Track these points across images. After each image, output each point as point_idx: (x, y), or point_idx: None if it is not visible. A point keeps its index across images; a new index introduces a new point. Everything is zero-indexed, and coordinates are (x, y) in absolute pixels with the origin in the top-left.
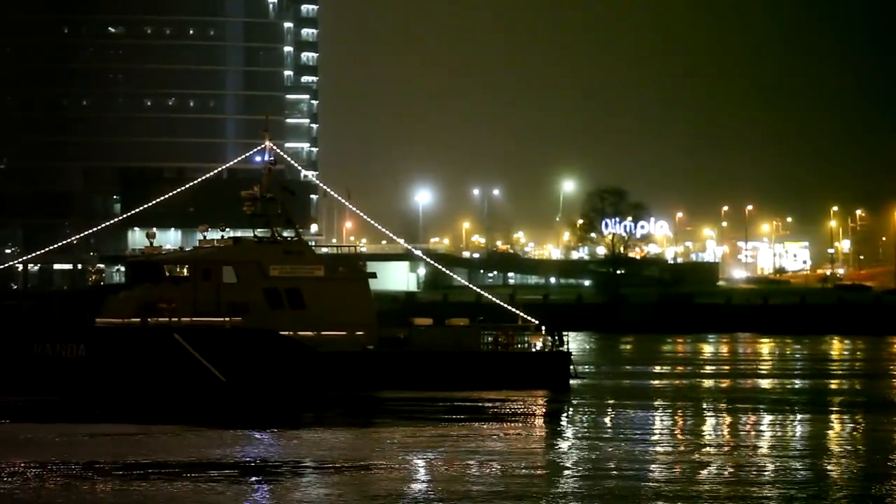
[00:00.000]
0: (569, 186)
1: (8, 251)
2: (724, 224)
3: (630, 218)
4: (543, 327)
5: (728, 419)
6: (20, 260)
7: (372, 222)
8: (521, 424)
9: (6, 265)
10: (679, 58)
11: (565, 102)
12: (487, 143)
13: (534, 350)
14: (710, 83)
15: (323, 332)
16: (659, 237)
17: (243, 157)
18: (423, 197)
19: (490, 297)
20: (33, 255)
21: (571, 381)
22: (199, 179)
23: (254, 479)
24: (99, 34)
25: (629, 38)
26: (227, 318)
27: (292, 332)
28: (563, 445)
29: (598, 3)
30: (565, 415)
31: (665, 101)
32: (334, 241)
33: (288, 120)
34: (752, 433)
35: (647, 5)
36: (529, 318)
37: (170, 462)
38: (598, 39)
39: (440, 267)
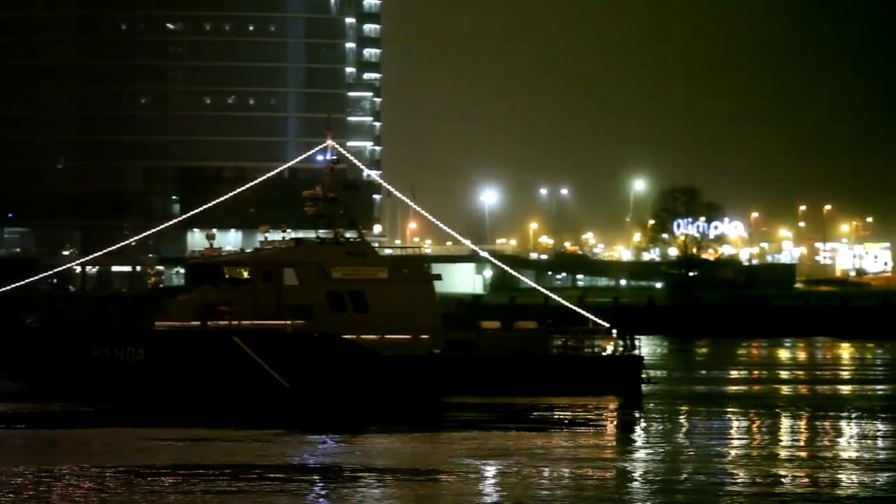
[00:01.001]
0: (639, 186)
1: (65, 253)
2: (802, 224)
3: (703, 218)
4: (614, 331)
5: (806, 426)
6: (78, 262)
7: (437, 223)
8: (591, 431)
9: (64, 267)
10: (750, 56)
11: (636, 100)
12: (556, 141)
13: (604, 354)
14: (787, 81)
15: (387, 336)
16: (733, 238)
17: (305, 156)
18: (489, 197)
19: (559, 299)
20: (91, 256)
21: (643, 387)
22: (260, 179)
23: (315, 484)
24: (157, 31)
25: (698, 36)
26: (289, 322)
27: (355, 335)
28: (635, 452)
29: (664, 1)
30: (637, 421)
31: (738, 99)
32: (398, 242)
33: (350, 118)
34: (831, 440)
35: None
36: (600, 321)
37: (231, 466)
38: (667, 38)
39: (507, 269)
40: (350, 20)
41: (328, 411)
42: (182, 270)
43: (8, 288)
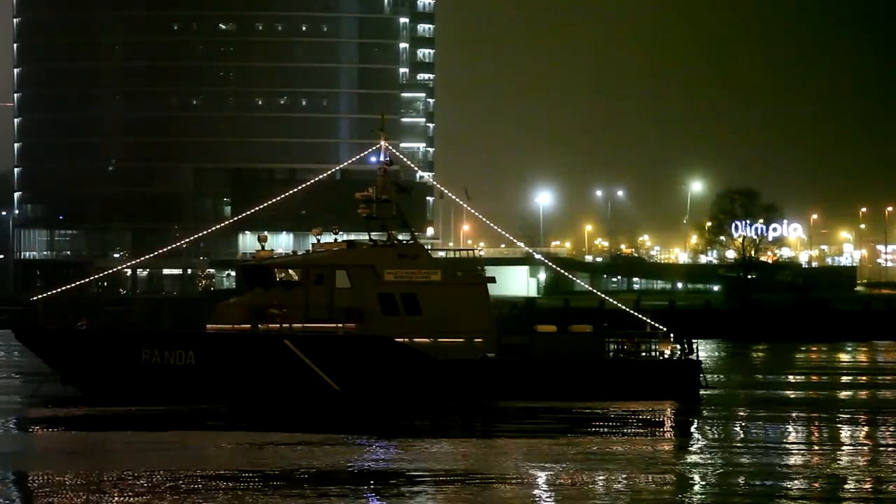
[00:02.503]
0: (696, 187)
1: (116, 255)
2: (863, 226)
3: (761, 220)
4: (672, 334)
5: (867, 431)
6: (129, 265)
7: (491, 224)
8: (648, 435)
9: (115, 270)
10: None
11: (693, 100)
12: (612, 142)
13: (662, 358)
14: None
15: (440, 340)
16: (792, 240)
17: (358, 157)
18: (543, 198)
19: (615, 302)
20: (142, 259)
21: (701, 391)
22: (312, 181)
23: (367, 489)
24: (209, 31)
25: (755, 34)
26: (341, 325)
27: (408, 338)
28: (693, 458)
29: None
30: (694, 426)
31: (797, 99)
32: (451, 244)
33: (403, 119)
34: (893, 446)
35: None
36: (657, 324)
37: (284, 470)
38: (725, 37)
39: (562, 271)
40: (403, 20)
41: (380, 415)
42: (233, 273)
43: (58, 291)
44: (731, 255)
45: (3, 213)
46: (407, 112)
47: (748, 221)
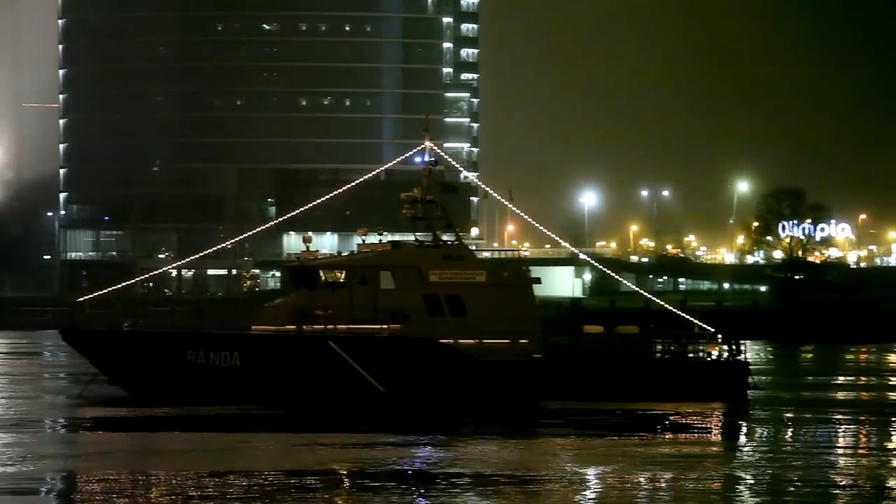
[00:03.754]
0: (743, 187)
1: (161, 256)
2: None
3: (809, 220)
4: (719, 335)
5: None
6: (174, 265)
7: (536, 225)
8: (694, 437)
9: (160, 271)
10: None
11: (738, 99)
12: (657, 142)
13: (709, 359)
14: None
15: (485, 341)
16: (840, 240)
17: (402, 157)
18: (588, 199)
19: (661, 302)
20: (187, 260)
21: (749, 393)
22: (357, 181)
23: (413, 490)
24: (253, 32)
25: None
26: (385, 326)
27: (453, 340)
28: (741, 459)
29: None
30: (742, 427)
31: (844, 98)
32: (496, 244)
33: (447, 119)
34: None
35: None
36: (704, 325)
37: (328, 472)
38: (769, 37)
39: (608, 271)
40: (447, 20)
41: (425, 416)
42: (278, 274)
43: (104, 292)
44: (778, 255)
45: (49, 213)
46: (451, 112)
47: (795, 221)
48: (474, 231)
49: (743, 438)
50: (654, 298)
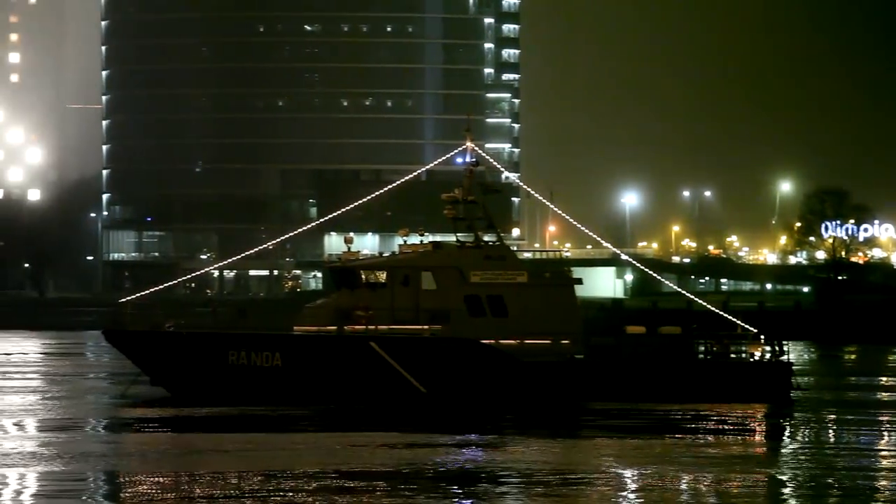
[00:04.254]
0: (785, 187)
1: (203, 257)
2: None
3: (852, 221)
4: (762, 336)
5: None
6: (216, 266)
7: (578, 225)
8: (738, 438)
9: (202, 271)
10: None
11: (781, 99)
12: (699, 142)
13: (752, 360)
14: None
15: (526, 341)
16: (884, 241)
17: (444, 158)
18: (630, 199)
19: (703, 303)
20: (229, 261)
21: (792, 394)
22: (398, 182)
23: (457, 491)
24: (295, 33)
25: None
26: (426, 326)
27: (494, 340)
28: (784, 460)
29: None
30: (785, 428)
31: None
32: (537, 245)
33: (488, 120)
34: None
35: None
36: (747, 326)
37: (372, 472)
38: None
39: (649, 272)
40: (489, 20)
41: (467, 417)
42: (319, 274)
43: (146, 293)
44: (820, 255)
45: (92, 214)
46: (492, 112)
47: (838, 222)
48: (515, 232)
49: (786, 439)
50: (696, 299)
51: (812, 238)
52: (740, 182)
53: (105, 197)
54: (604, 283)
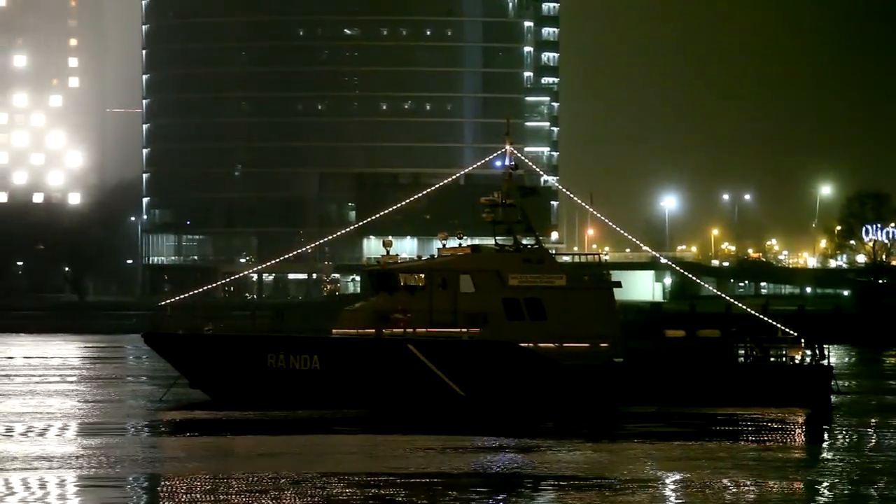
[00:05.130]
0: (825, 191)
1: (242, 260)
2: None
3: (893, 224)
4: (802, 340)
5: None
6: (254, 269)
7: (617, 228)
8: (778, 442)
9: (241, 274)
10: None
11: (820, 100)
12: (738, 145)
13: (792, 364)
14: None
15: (565, 344)
16: None
17: (483, 161)
18: (668, 202)
19: (743, 306)
20: (268, 264)
21: (833, 397)
22: (437, 185)
23: (495, 494)
24: (334, 36)
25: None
26: (465, 329)
27: (532, 343)
28: (824, 465)
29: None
30: (826, 433)
31: None
32: (575, 248)
33: (527, 123)
34: None
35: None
36: (787, 329)
37: (409, 475)
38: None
39: (689, 275)
40: (528, 24)
41: (505, 420)
42: (358, 277)
43: (186, 296)
44: (861, 259)
45: (132, 218)
46: (531, 116)
47: (879, 225)
48: (554, 235)
49: (826, 443)
50: (735, 302)
51: (852, 241)
52: (780, 185)
53: (145, 200)
54: (642, 287)
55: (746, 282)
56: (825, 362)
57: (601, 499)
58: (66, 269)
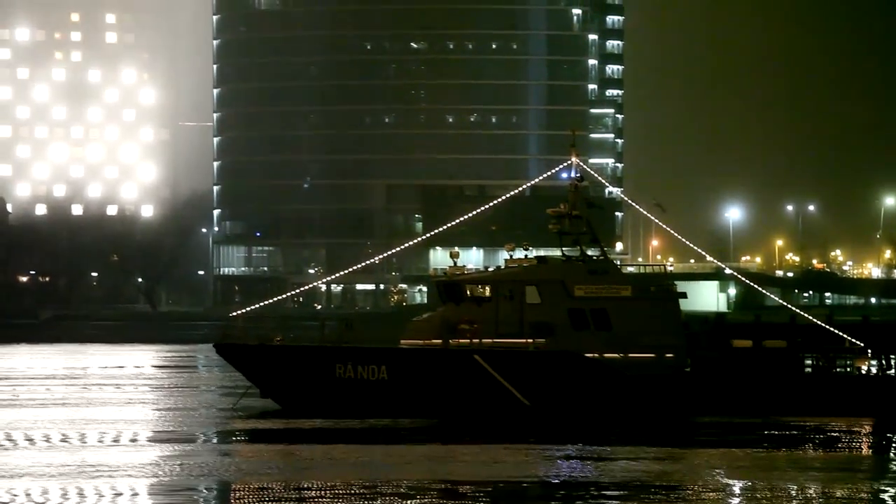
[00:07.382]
0: (890, 201)
1: (311, 271)
2: None
3: None
4: (869, 350)
5: None
6: (324, 280)
7: (681, 239)
8: (844, 451)
9: (310, 286)
10: None
11: (888, 112)
12: (804, 156)
13: (859, 374)
14: None
15: (630, 355)
16: None
17: (549, 173)
18: (733, 213)
19: (809, 317)
20: (336, 275)
21: None
22: (503, 197)
23: (564, 501)
24: (401, 50)
25: None
26: (531, 340)
27: (598, 354)
28: (890, 474)
29: None
30: (892, 442)
31: None
32: (640, 259)
33: (592, 135)
34: None
35: None
36: (854, 339)
37: (474, 482)
38: None
39: (753, 285)
40: (592, 37)
41: (571, 430)
42: (425, 288)
43: (256, 306)
44: None
45: (204, 230)
46: (596, 128)
47: None
48: (619, 246)
49: (892, 452)
50: (800, 312)
51: None
52: (844, 196)
53: (216, 212)
54: (707, 297)
55: (811, 292)
56: (891, 372)
57: None
58: (140, 279)
